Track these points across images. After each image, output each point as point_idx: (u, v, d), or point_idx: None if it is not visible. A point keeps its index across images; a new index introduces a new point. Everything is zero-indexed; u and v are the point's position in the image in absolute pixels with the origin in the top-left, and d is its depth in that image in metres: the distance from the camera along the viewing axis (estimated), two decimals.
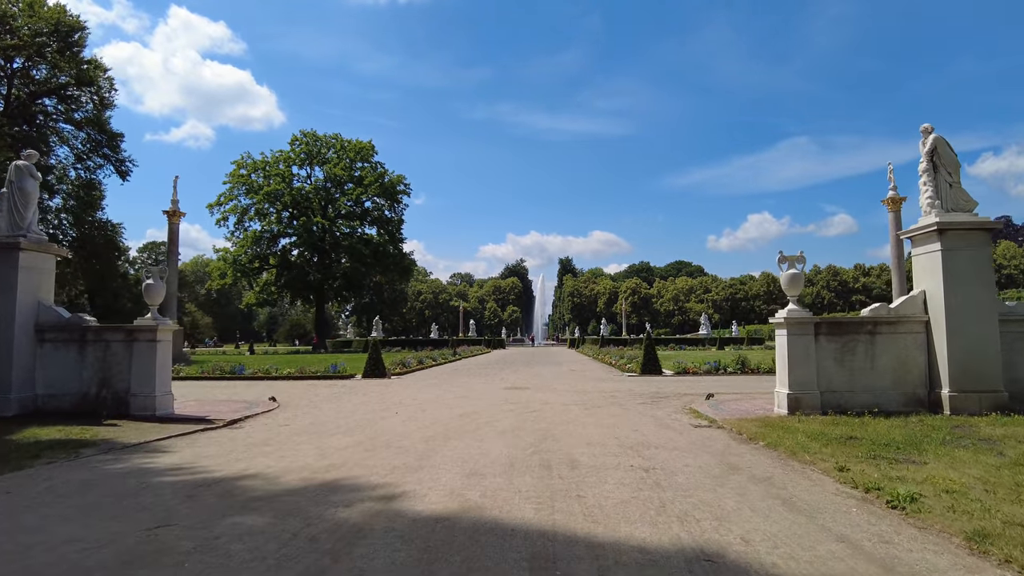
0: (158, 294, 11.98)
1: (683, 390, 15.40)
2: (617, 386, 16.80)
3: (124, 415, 11.02)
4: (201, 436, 9.38)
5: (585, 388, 16.25)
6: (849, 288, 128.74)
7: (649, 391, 15.28)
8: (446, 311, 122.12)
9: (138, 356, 11.28)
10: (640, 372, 20.92)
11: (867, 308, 11.15)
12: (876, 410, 10.19)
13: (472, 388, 16.59)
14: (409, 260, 61.65)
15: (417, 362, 26.19)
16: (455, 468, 6.63)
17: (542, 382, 18.35)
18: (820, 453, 7.18)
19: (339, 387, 17.55)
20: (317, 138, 60.37)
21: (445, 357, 32.58)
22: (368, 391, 16.15)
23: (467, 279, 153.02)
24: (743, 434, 8.87)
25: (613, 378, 19.91)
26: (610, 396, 14.21)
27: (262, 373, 21.96)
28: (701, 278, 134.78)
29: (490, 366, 28.05)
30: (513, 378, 20.00)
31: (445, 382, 18.94)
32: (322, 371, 21.82)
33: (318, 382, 19.76)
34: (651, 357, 21.04)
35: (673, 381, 18.40)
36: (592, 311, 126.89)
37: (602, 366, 26.87)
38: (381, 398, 14.34)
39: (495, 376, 21.29)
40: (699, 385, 16.75)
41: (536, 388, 16.31)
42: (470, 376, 21.49)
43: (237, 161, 58.96)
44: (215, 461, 7.29)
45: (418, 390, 16.24)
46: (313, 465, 6.92)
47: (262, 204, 57.67)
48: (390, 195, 59.78)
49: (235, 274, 57.08)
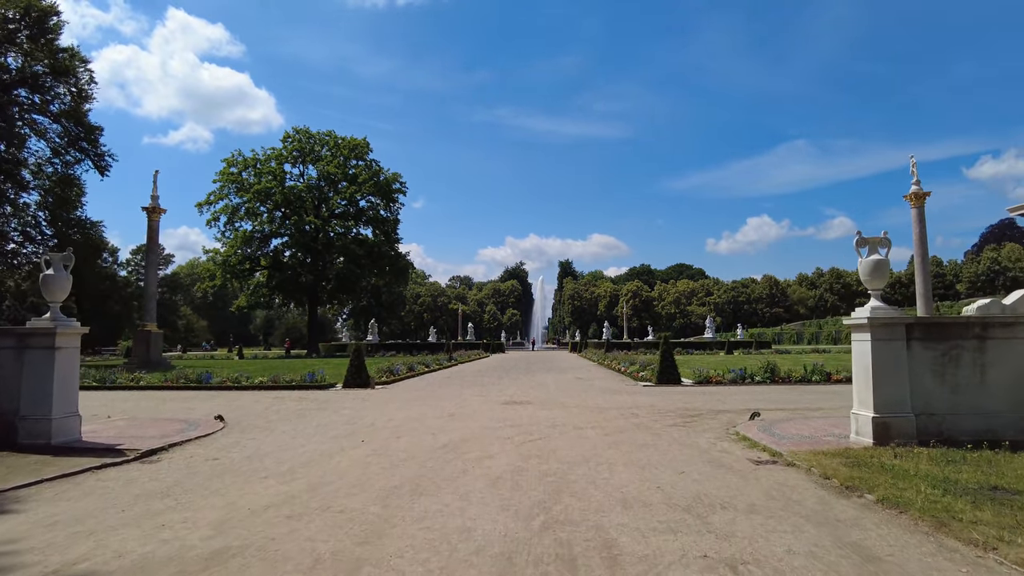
0: (59, 288, 9.30)
1: (715, 405, 12.81)
2: (635, 400, 14.20)
3: (10, 445, 8.43)
4: (87, 479, 6.80)
5: (598, 403, 13.65)
6: (853, 291, 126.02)
7: (675, 406, 12.69)
8: (445, 314, 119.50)
9: (31, 368, 8.67)
10: (656, 381, 18.33)
11: (972, 305, 8.55)
12: (991, 439, 7.64)
13: (464, 403, 13.97)
14: (405, 261, 58.89)
15: (407, 369, 23.58)
16: (415, 570, 4.01)
17: (546, 394, 15.75)
18: (978, 521, 4.63)
19: (310, 401, 14.94)
20: (310, 135, 57.73)
21: (439, 363, 29.96)
22: (341, 407, 13.55)
23: (466, 282, 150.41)
24: (831, 478, 6.29)
25: (627, 389, 17.32)
26: (631, 414, 11.61)
27: (230, 382, 19.36)
28: (703, 281, 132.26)
29: (487, 373, 25.46)
30: (512, 389, 17.41)
31: (433, 394, 16.34)
32: (298, 380, 19.23)
33: (290, 393, 17.14)
34: (669, 364, 18.44)
35: (698, 393, 15.79)
36: (593, 314, 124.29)
37: (611, 373, 24.28)
38: (352, 418, 11.71)
39: (492, 386, 18.70)
40: (731, 399, 14.16)
41: (540, 403, 13.70)
42: (463, 386, 18.90)
43: (227, 159, 56.30)
44: (52, 537, 4.70)
45: (399, 406, 13.63)
46: (191, 552, 4.32)
47: (253, 203, 55.03)
48: (385, 194, 57.06)
49: (224, 275, 54.39)
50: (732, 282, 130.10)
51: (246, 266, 56.36)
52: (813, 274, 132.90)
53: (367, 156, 57.72)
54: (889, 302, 8.78)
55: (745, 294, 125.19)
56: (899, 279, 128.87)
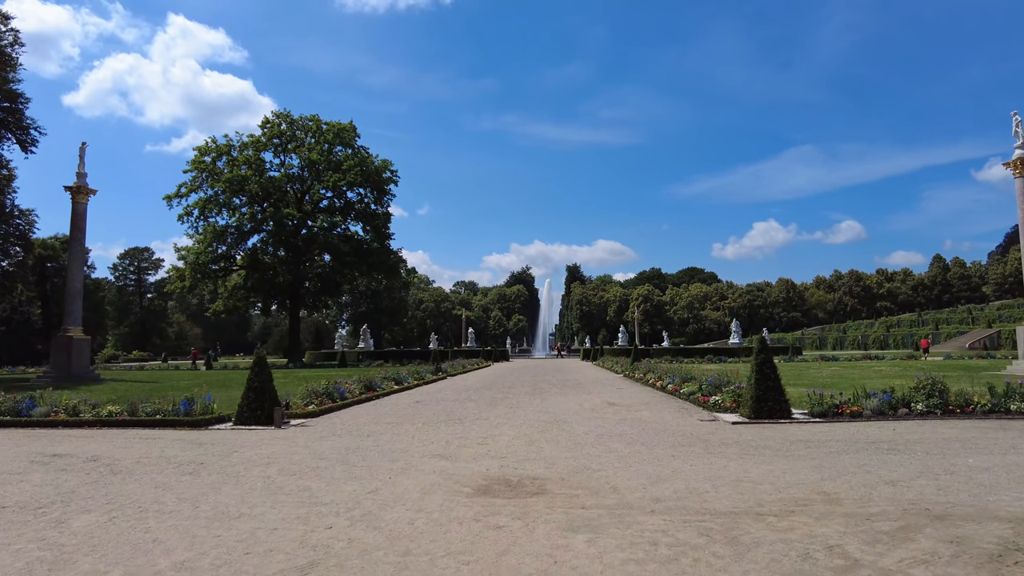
0: None
1: (918, 482, 5.05)
2: (760, 469, 6.46)
3: None
4: None
5: (694, 484, 5.89)
6: (873, 294, 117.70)
7: (853, 492, 4.95)
8: (448, 320, 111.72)
9: None
10: (751, 414, 10.60)
11: None
12: None
13: (396, 487, 6.19)
14: (396, 257, 50.98)
15: (362, 390, 15.83)
16: None
17: (570, 453, 7.85)
18: None
19: (102, 469, 7.27)
20: (292, 121, 50.37)
21: (419, 377, 22.20)
22: (135, 495, 5.88)
23: (471, 287, 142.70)
24: None
25: (708, 431, 9.59)
26: (804, 547, 3.84)
27: (65, 415, 11.78)
28: (716, 285, 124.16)
29: (479, 393, 17.74)
30: (506, 436, 9.56)
31: (364, 449, 8.55)
32: (169, 409, 11.62)
33: (134, 434, 9.56)
34: (771, 384, 10.70)
35: (863, 447, 7.99)
36: (602, 319, 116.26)
37: (653, 394, 16.54)
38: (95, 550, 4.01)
39: (474, 425, 10.96)
40: (920, 458, 6.47)
41: (562, 488, 5.94)
42: (429, 424, 11.06)
43: (200, 147, 49.18)
44: None
45: (261, 495, 5.93)
46: None
47: (227, 195, 47.74)
48: (375, 184, 49.39)
49: (194, 276, 47.06)
50: (747, 286, 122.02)
51: (220, 265, 49.09)
52: (831, 277, 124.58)
53: (355, 142, 50.29)
54: (904, 305, 1.07)
55: (761, 298, 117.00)
56: (921, 281, 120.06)
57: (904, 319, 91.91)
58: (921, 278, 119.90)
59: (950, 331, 70.38)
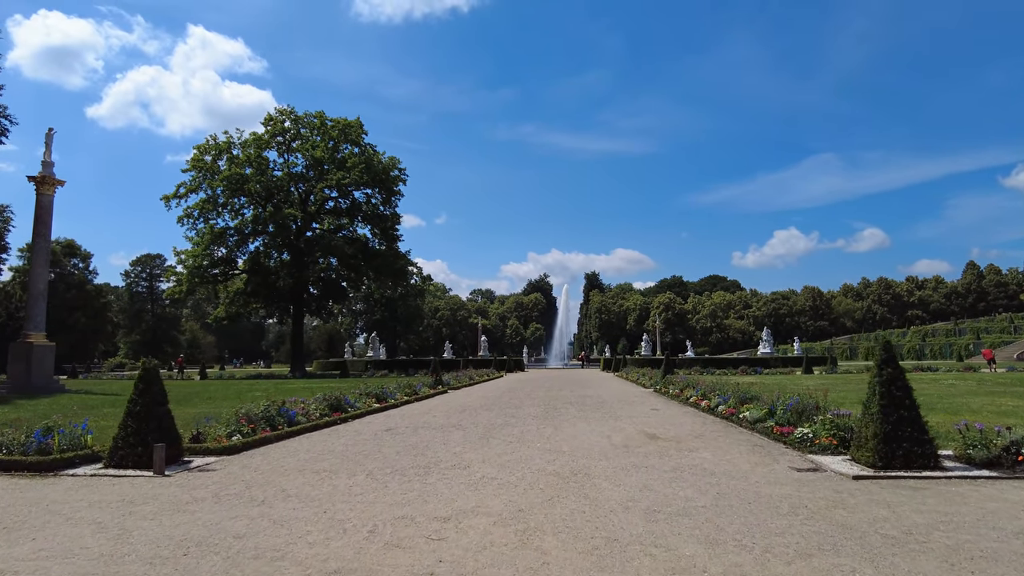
0: None
1: None
2: None
3: None
4: None
5: None
6: (904, 302, 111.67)
7: None
8: (464, 328, 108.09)
9: None
10: (876, 459, 6.66)
11: None
12: None
13: None
14: (404, 260, 47.16)
15: (324, 411, 12.09)
16: None
17: (595, 551, 4.15)
18: None
19: None
20: (296, 117, 47.27)
21: (412, 391, 18.44)
22: None
23: (488, 296, 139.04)
24: None
25: (819, 490, 5.71)
26: None
27: None
28: (739, 293, 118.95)
29: (474, 416, 13.89)
30: (492, 495, 5.86)
31: (216, 545, 4.86)
32: (20, 442, 8.01)
33: None
34: (904, 415, 6.77)
35: None
36: (622, 328, 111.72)
37: (697, 416, 12.58)
38: None
39: (452, 469, 7.18)
40: None
41: None
42: (375, 476, 7.11)
43: (199, 145, 46.26)
44: None
45: None
46: None
47: (227, 195, 44.69)
48: (382, 183, 45.92)
49: (191, 280, 43.96)
50: (772, 294, 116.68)
51: (219, 269, 45.99)
52: (859, 285, 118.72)
53: (361, 139, 46.99)
54: (936, 313, 0.43)
55: (786, 306, 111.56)
56: (954, 289, 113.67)
57: (939, 328, 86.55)
58: (954, 285, 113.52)
59: (993, 340, 65.20)
